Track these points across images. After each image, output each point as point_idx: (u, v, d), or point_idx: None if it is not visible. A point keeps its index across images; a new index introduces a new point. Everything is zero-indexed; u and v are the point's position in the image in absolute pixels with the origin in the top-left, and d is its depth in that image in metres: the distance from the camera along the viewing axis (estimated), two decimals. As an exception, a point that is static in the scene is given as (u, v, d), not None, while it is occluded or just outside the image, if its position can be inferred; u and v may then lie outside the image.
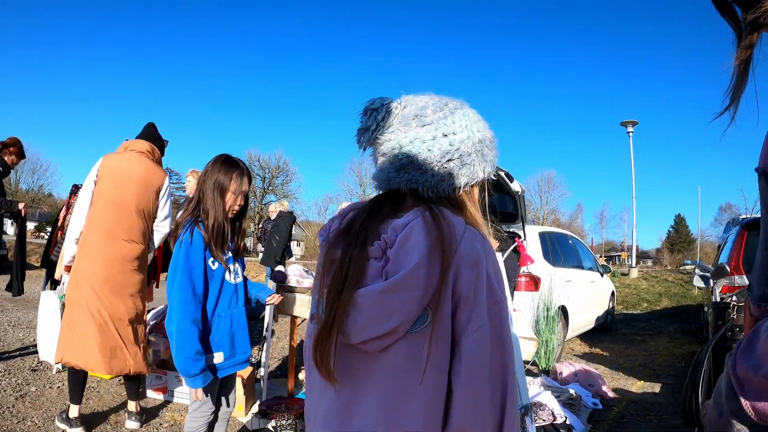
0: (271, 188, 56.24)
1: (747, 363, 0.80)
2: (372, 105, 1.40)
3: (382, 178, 1.41)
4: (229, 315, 3.14)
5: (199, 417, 3.10)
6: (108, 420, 4.74)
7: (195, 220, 3.02)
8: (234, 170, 3.11)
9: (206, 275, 3.01)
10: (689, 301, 17.26)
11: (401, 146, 1.36)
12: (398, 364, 1.24)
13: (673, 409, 5.98)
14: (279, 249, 11.46)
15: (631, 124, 27.19)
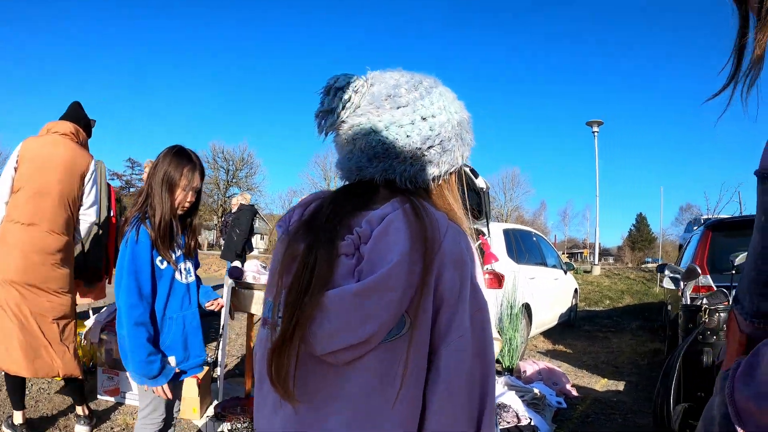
0: (235, 181, 55.65)
1: (748, 391, 0.67)
2: (336, 83, 1.22)
3: (351, 168, 1.24)
4: (181, 317, 2.96)
5: (149, 424, 2.93)
6: (57, 424, 4.56)
7: (142, 216, 2.83)
8: (185, 164, 2.90)
9: (154, 275, 2.83)
10: (651, 299, 17.45)
11: (375, 131, 1.20)
12: (370, 379, 1.07)
13: (637, 408, 5.97)
14: (239, 243, 11.29)
15: (597, 124, 27.40)
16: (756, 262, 0.88)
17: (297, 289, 1.08)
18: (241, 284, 4.85)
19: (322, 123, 1.24)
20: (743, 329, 0.89)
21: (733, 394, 0.70)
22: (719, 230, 7.04)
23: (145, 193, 2.88)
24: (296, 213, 1.24)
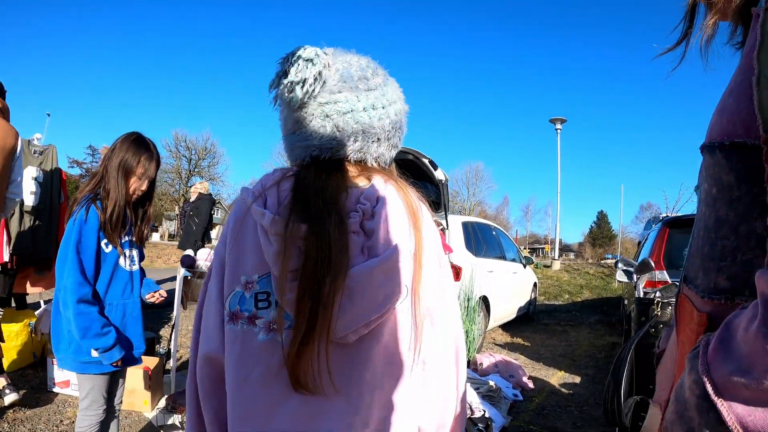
0: (197, 170, 54.82)
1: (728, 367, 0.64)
2: (304, 54, 1.18)
3: (323, 145, 1.21)
4: (122, 305, 2.89)
5: (90, 415, 2.86)
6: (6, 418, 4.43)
7: (94, 197, 2.78)
8: (143, 153, 2.89)
9: (99, 258, 2.77)
10: (609, 294, 17.69)
11: (354, 111, 1.20)
12: (386, 350, 1.14)
13: (593, 400, 6.03)
14: (198, 232, 11.11)
15: (560, 122, 27.66)
16: (709, 236, 0.87)
17: (314, 272, 1.07)
18: (194, 273, 4.76)
19: (296, 92, 1.18)
20: (701, 309, 0.87)
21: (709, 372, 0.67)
22: (676, 227, 7.13)
23: (99, 175, 2.85)
24: (271, 193, 1.18)
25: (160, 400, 4.90)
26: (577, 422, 5.26)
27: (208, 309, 1.22)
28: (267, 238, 1.12)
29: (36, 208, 5.79)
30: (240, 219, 1.19)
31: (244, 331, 1.13)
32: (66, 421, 4.41)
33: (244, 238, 1.17)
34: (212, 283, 1.22)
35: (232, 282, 1.16)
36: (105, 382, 2.87)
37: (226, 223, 1.24)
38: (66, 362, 2.78)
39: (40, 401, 4.80)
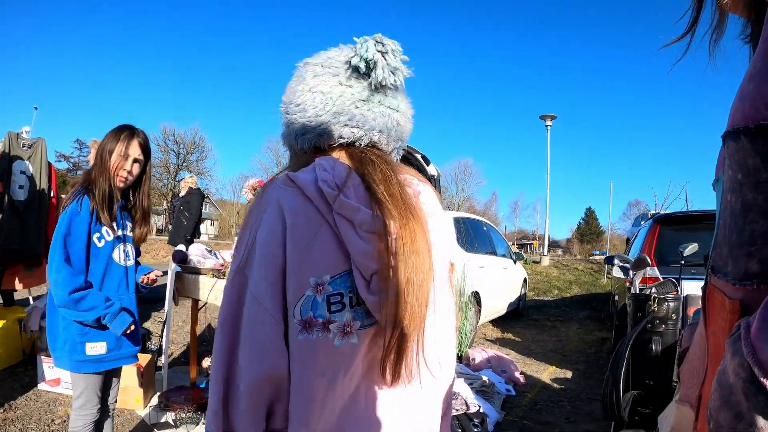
0: (186, 164, 54.37)
1: None
2: (396, 45, 1.21)
3: (387, 135, 1.24)
4: (117, 301, 2.85)
5: (84, 415, 2.82)
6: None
7: (85, 189, 2.75)
8: (123, 132, 2.87)
9: (89, 252, 2.74)
10: (598, 290, 17.76)
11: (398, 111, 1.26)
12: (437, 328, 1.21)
13: (585, 395, 6.05)
14: (190, 227, 11.01)
15: (550, 118, 27.70)
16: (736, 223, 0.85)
17: (411, 269, 1.07)
18: (186, 269, 4.72)
19: (397, 75, 1.20)
20: (733, 296, 0.86)
21: (755, 353, 0.65)
22: (667, 224, 7.17)
23: (90, 169, 2.85)
24: (350, 190, 1.10)
25: (152, 397, 4.87)
26: (570, 417, 5.27)
27: (259, 322, 1.06)
28: (357, 236, 1.06)
29: (25, 202, 5.73)
30: (299, 213, 1.07)
31: (319, 340, 1.06)
32: (57, 420, 4.36)
33: (310, 236, 1.07)
34: (264, 290, 1.06)
35: (300, 286, 1.06)
36: (99, 381, 2.84)
37: (272, 221, 1.07)
38: (62, 361, 2.74)
39: (30, 400, 4.75)
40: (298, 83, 1.24)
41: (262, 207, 1.10)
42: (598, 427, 4.97)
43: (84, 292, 2.65)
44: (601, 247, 60.76)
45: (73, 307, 2.63)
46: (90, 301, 2.68)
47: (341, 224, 1.06)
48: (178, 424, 4.20)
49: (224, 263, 4.77)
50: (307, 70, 1.24)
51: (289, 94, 1.26)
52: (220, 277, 4.57)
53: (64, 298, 2.60)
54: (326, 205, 1.07)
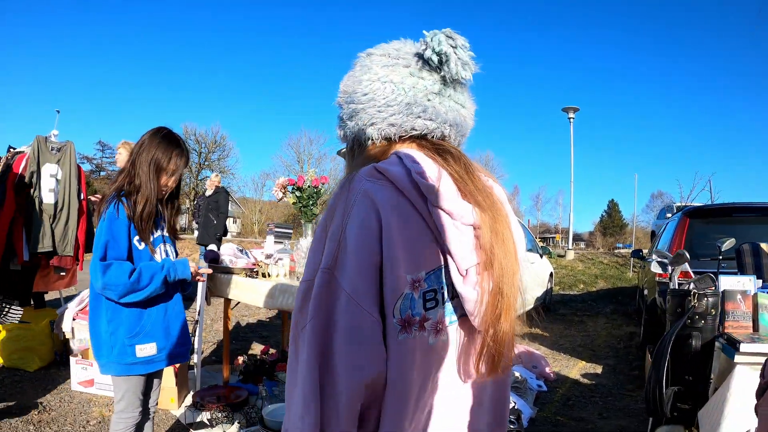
0: (207, 163, 54.69)
1: None
2: (464, 42, 1.19)
3: (458, 129, 1.23)
4: (163, 302, 2.87)
5: (125, 418, 2.82)
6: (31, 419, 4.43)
7: (119, 194, 2.73)
8: (174, 149, 2.85)
9: (131, 253, 2.73)
10: (624, 284, 17.58)
11: (466, 107, 1.25)
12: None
13: (617, 391, 6.01)
14: (221, 226, 11.07)
15: (573, 111, 27.40)
16: None
17: (506, 262, 1.08)
18: (218, 268, 4.73)
19: (467, 70, 1.18)
20: None
21: None
22: (697, 217, 7.07)
23: (127, 171, 2.80)
24: (445, 183, 1.07)
25: (186, 396, 4.90)
26: (603, 413, 5.24)
27: (357, 325, 1.00)
28: (455, 228, 1.05)
29: (55, 205, 5.78)
30: (395, 207, 1.03)
31: (417, 339, 1.03)
32: (93, 421, 4.38)
33: (405, 231, 1.03)
34: (361, 290, 1.01)
35: (398, 284, 1.01)
36: (141, 384, 2.84)
37: (364, 216, 1.02)
38: (109, 367, 2.74)
39: (64, 401, 4.79)
40: (364, 73, 1.21)
41: (350, 202, 1.04)
42: (631, 422, 4.95)
43: (136, 269, 2.66)
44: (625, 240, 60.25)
45: (138, 287, 2.65)
46: (147, 272, 2.69)
47: (439, 217, 1.04)
48: (213, 424, 4.21)
49: (256, 262, 4.78)
50: (373, 60, 1.22)
51: (352, 83, 1.23)
52: (253, 276, 4.58)
53: (125, 287, 2.61)
54: (421, 199, 1.05)
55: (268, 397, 4.63)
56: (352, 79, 1.23)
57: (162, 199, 2.92)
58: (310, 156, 57.20)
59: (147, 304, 2.78)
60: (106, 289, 2.60)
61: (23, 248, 5.53)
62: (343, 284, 1.00)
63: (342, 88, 1.26)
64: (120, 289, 2.60)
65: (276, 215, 50.65)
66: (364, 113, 1.19)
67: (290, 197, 5.39)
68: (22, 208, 5.53)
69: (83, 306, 5.23)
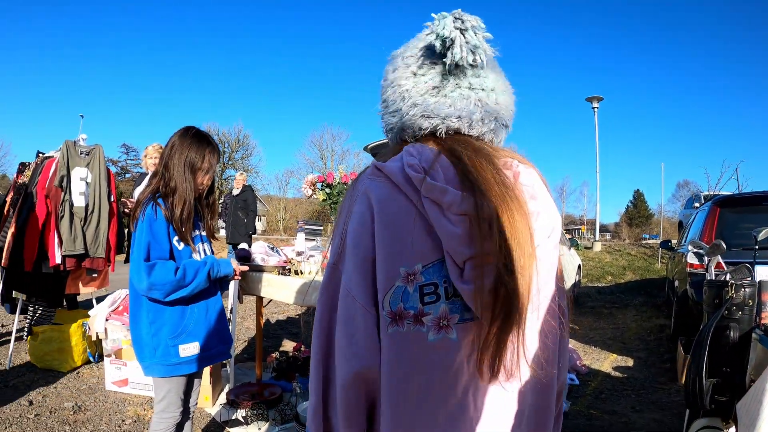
0: (231, 162, 55.26)
1: None
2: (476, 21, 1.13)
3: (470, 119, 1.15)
4: (204, 301, 2.90)
5: (166, 418, 2.84)
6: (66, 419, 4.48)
7: (155, 196, 2.75)
8: (206, 147, 2.88)
9: (172, 254, 2.76)
10: (653, 275, 17.42)
11: (495, 90, 1.18)
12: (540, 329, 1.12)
13: (649, 384, 5.96)
14: (251, 223, 11.17)
15: (597, 100, 27.14)
16: None
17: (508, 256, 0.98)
18: (250, 266, 4.76)
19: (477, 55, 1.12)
20: None
21: None
22: (727, 206, 6.96)
23: (161, 174, 2.81)
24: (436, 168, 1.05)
25: (221, 394, 4.94)
26: (636, 406, 5.20)
27: (351, 317, 1.03)
28: (446, 219, 1.00)
29: (86, 208, 5.85)
30: (388, 202, 1.04)
31: (411, 333, 1.01)
32: (128, 421, 4.42)
33: (398, 223, 1.03)
34: (355, 283, 1.04)
35: (389, 277, 1.01)
36: (183, 384, 2.86)
37: (361, 213, 1.05)
38: (153, 369, 2.76)
39: (99, 401, 4.84)
40: (384, 80, 1.23)
41: (353, 200, 1.08)
42: (665, 416, 4.90)
43: (179, 267, 2.69)
44: (651, 231, 59.67)
45: (184, 284, 2.68)
46: (191, 269, 2.73)
47: (429, 208, 1.01)
48: (248, 421, 4.24)
49: (287, 260, 4.80)
50: (390, 64, 1.23)
51: (381, 92, 1.24)
52: (285, 274, 4.60)
53: (172, 285, 2.64)
54: (415, 192, 1.03)
55: (302, 393, 4.65)
56: (381, 87, 1.25)
57: (199, 198, 2.94)
58: (333, 152, 57.47)
59: (189, 302, 2.81)
60: (153, 289, 2.62)
61: (55, 251, 5.59)
62: (344, 279, 1.05)
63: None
64: (167, 287, 2.63)
65: (300, 212, 50.90)
66: (384, 120, 1.24)
67: (320, 194, 5.40)
68: (54, 211, 5.59)
69: (116, 307, 5.28)
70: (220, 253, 18.37)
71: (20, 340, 6.35)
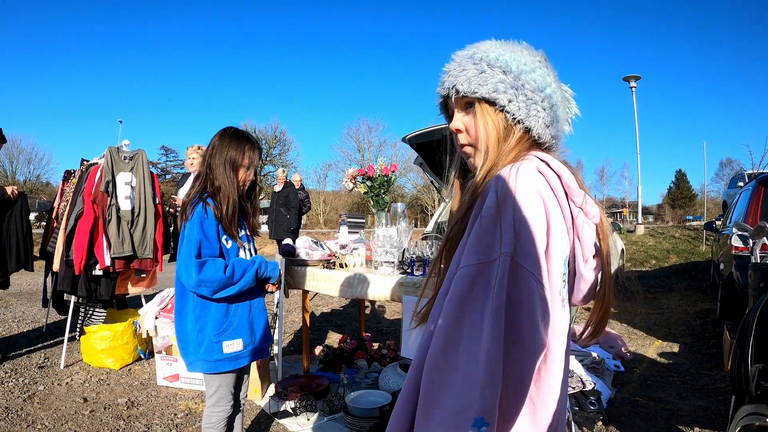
0: (269, 159, 55.72)
1: None
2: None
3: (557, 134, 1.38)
4: (248, 299, 2.98)
5: (218, 411, 2.94)
6: (120, 414, 4.62)
7: (202, 196, 2.84)
8: (245, 144, 2.95)
9: (221, 252, 2.85)
10: (697, 258, 17.14)
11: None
12: None
13: (695, 370, 5.90)
14: (293, 220, 11.28)
15: (634, 79, 26.70)
16: None
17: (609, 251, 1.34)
18: (295, 261, 4.84)
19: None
20: None
21: None
22: (772, 185, 6.80)
23: (204, 175, 2.90)
24: (571, 179, 1.27)
25: (269, 387, 5.05)
26: (682, 393, 5.15)
27: (545, 302, 1.13)
28: (588, 225, 1.28)
29: (132, 211, 6.00)
30: (553, 205, 1.21)
31: (564, 310, 1.24)
32: (180, 414, 4.53)
33: (556, 221, 1.20)
34: (543, 274, 1.13)
35: (560, 267, 1.20)
36: (233, 379, 2.96)
37: (537, 209, 1.15)
38: (197, 365, 2.85)
39: (151, 396, 4.97)
40: (537, 68, 1.35)
41: (521, 193, 1.14)
42: (711, 402, 4.85)
43: (229, 265, 2.78)
44: (695, 212, 58.53)
45: (232, 282, 2.77)
46: (239, 267, 2.82)
47: (580, 216, 1.26)
48: (297, 413, 4.33)
49: (331, 253, 4.88)
50: (542, 62, 1.37)
51: (522, 68, 1.33)
52: (329, 267, 4.68)
53: (221, 282, 2.73)
54: (565, 197, 1.24)
55: (350, 384, 4.74)
56: (533, 69, 1.31)
57: (242, 195, 3.02)
58: (370, 144, 57.49)
59: (234, 301, 2.88)
60: (202, 285, 2.70)
61: (104, 254, 5.74)
62: (529, 268, 1.11)
63: (519, 61, 1.31)
64: (216, 285, 2.72)
65: (340, 205, 51.04)
66: (546, 113, 1.31)
67: (361, 187, 5.45)
68: (101, 216, 5.74)
69: (165, 305, 5.41)
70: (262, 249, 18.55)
71: (73, 341, 6.53)
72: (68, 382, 5.30)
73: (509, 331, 1.07)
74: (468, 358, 1.06)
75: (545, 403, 1.18)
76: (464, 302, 1.10)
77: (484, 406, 1.02)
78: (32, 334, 7.38)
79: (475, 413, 1.02)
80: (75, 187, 6.03)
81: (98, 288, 6.05)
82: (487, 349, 1.04)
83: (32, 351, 6.46)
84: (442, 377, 1.09)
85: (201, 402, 4.76)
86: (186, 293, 2.83)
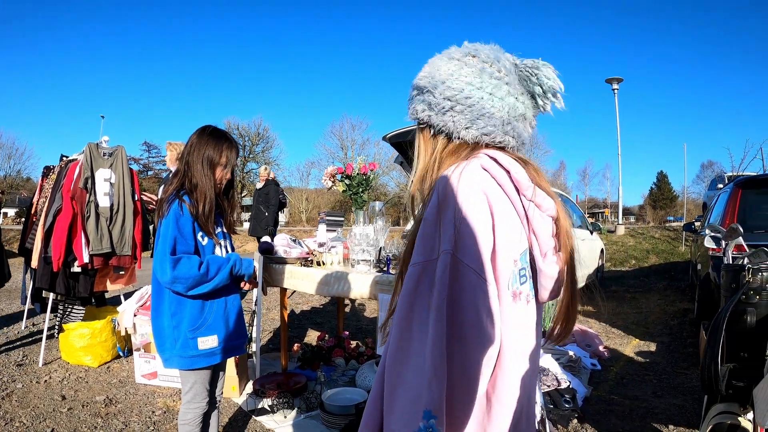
0: (252, 156, 55.57)
1: None
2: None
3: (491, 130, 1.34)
4: (224, 295, 2.99)
5: (193, 408, 2.94)
6: (98, 412, 4.60)
7: (179, 193, 2.84)
8: (223, 143, 2.95)
9: (197, 249, 2.85)
10: (677, 258, 17.28)
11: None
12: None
13: (671, 369, 5.96)
14: (271, 217, 11.27)
15: (617, 81, 26.89)
16: None
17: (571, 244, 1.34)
18: (272, 259, 4.85)
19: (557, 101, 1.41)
20: None
21: None
22: (749, 188, 6.82)
23: (182, 172, 2.90)
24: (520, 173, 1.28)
25: (246, 384, 5.05)
26: (657, 391, 5.20)
27: (487, 297, 1.14)
28: (542, 218, 1.28)
29: (111, 208, 5.96)
30: (499, 199, 1.22)
31: (519, 306, 1.23)
32: (158, 412, 4.52)
33: (506, 217, 1.22)
34: (487, 270, 1.15)
35: (509, 262, 1.21)
36: (208, 375, 2.96)
37: (480, 205, 1.18)
38: (173, 361, 2.85)
39: (129, 394, 4.96)
40: (466, 75, 1.35)
41: (464, 192, 1.18)
42: (686, 401, 4.90)
43: (203, 262, 2.79)
44: (675, 213, 59.05)
45: (206, 279, 2.78)
46: (214, 264, 2.83)
47: (532, 209, 1.26)
48: (275, 410, 4.34)
49: (310, 251, 4.89)
50: (476, 65, 1.36)
51: (451, 79, 1.35)
52: (307, 265, 4.69)
53: (195, 279, 2.73)
54: (515, 192, 1.25)
55: (327, 382, 4.76)
56: (451, 74, 1.34)
57: (219, 193, 3.02)
58: (353, 142, 57.43)
59: (209, 297, 2.89)
60: (176, 282, 2.70)
61: (83, 251, 5.71)
62: (470, 263, 1.13)
63: (436, 75, 1.35)
64: (190, 281, 2.72)
65: (322, 203, 50.98)
66: (463, 116, 1.32)
67: (340, 185, 5.46)
68: (80, 213, 5.70)
69: (143, 302, 5.39)
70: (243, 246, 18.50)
71: (51, 338, 6.47)
72: (47, 380, 5.27)
73: (452, 326, 1.11)
74: (417, 354, 1.11)
75: (502, 402, 1.20)
76: (413, 300, 1.15)
77: (430, 400, 1.06)
78: (11, 332, 7.34)
79: (423, 406, 1.07)
80: (54, 184, 5.99)
81: (77, 285, 6.02)
82: (431, 344, 1.08)
83: (11, 348, 6.43)
84: (398, 372, 1.15)
85: (179, 399, 4.74)
86: (162, 290, 2.83)
